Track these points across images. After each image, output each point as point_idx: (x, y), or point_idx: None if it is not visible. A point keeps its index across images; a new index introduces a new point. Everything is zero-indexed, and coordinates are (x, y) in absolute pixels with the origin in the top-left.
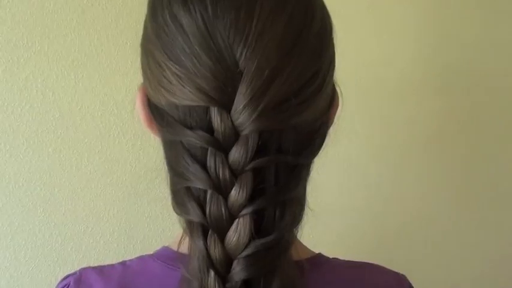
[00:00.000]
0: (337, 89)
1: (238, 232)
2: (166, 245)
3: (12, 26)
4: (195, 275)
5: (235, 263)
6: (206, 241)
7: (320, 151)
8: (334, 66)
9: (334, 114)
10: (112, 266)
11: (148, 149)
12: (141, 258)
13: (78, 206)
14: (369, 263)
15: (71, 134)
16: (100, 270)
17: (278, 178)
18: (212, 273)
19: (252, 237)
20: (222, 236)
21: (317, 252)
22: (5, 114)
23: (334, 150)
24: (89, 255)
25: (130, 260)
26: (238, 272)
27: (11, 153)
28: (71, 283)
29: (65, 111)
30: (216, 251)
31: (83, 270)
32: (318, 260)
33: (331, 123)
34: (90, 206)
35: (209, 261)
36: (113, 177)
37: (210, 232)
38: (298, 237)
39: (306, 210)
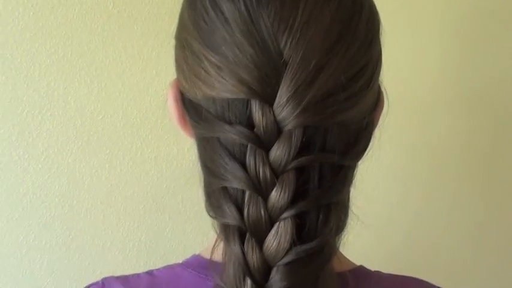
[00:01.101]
0: (383, 89)
1: (278, 237)
2: (197, 253)
3: (35, 31)
4: (229, 284)
5: (274, 270)
6: (243, 246)
7: (366, 153)
8: (381, 62)
9: (380, 115)
10: (138, 275)
11: (172, 162)
12: (169, 268)
13: (98, 219)
14: (412, 277)
15: (93, 144)
16: (124, 279)
17: (322, 179)
18: (249, 281)
19: (293, 243)
20: (260, 241)
21: (358, 264)
22: (25, 121)
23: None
24: (107, 271)
25: (157, 269)
26: (277, 280)
27: (29, 162)
28: None
29: (87, 120)
30: (253, 257)
31: (106, 280)
32: (361, 272)
33: (377, 124)
34: (110, 219)
35: (246, 268)
36: (134, 190)
37: (247, 236)
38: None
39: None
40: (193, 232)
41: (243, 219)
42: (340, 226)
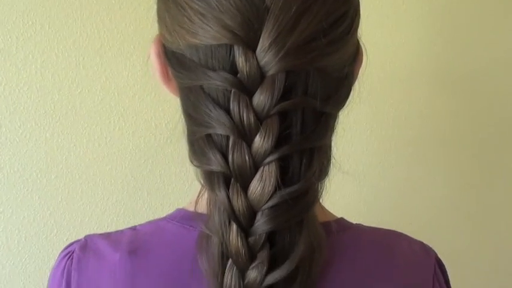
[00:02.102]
0: (361, 45)
1: (263, 181)
2: (180, 207)
3: (11, 2)
4: (215, 230)
5: (258, 215)
6: (228, 192)
7: (346, 103)
8: (359, 15)
9: (359, 68)
10: (121, 231)
11: (150, 137)
12: (152, 222)
13: (76, 194)
14: (394, 231)
15: (70, 119)
16: (107, 235)
17: (305, 125)
18: (234, 226)
19: (278, 187)
20: (245, 186)
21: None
22: (2, 95)
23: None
24: None
25: (140, 225)
26: (262, 224)
27: (6, 136)
28: (76, 249)
29: (65, 94)
30: (238, 202)
31: (89, 237)
32: (342, 222)
33: (356, 77)
34: (88, 194)
35: (231, 213)
36: (112, 165)
37: (232, 182)
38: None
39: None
40: (172, 207)
41: (227, 165)
42: (322, 171)
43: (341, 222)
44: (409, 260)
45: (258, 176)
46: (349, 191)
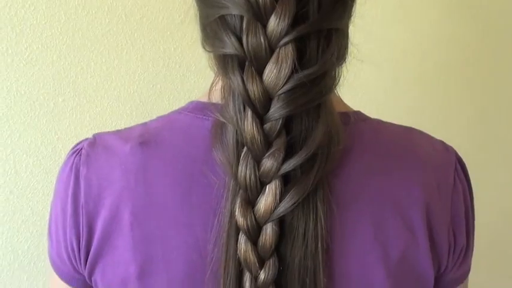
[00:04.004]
0: None
1: (279, 63)
2: (193, 100)
3: None
4: (229, 117)
5: (274, 100)
6: (243, 76)
7: None
8: None
9: None
10: (130, 127)
11: (158, 61)
12: (164, 116)
13: (83, 118)
14: (415, 128)
15: (77, 42)
16: (117, 131)
17: (322, 4)
18: (249, 112)
19: (295, 70)
20: (260, 69)
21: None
22: (7, 16)
23: None
24: None
25: (151, 120)
26: (278, 108)
27: (13, 59)
28: (84, 145)
29: (71, 15)
30: (254, 87)
31: (97, 134)
32: (361, 115)
33: None
34: (96, 119)
35: (246, 99)
36: (120, 90)
37: (247, 65)
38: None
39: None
40: None
41: (242, 48)
42: (340, 54)
43: (359, 114)
44: (429, 157)
45: (273, 58)
46: (367, 80)
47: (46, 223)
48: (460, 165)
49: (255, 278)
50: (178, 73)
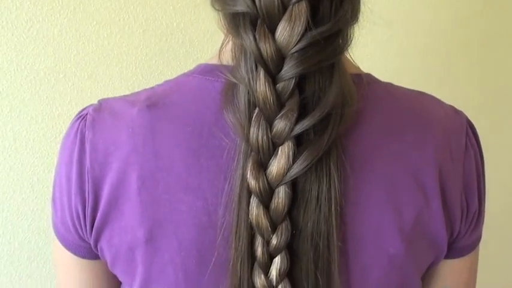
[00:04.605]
0: None
1: (292, 21)
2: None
3: None
4: (241, 77)
5: (287, 58)
6: (255, 34)
7: None
8: None
9: None
10: (137, 92)
11: (161, 37)
12: (171, 79)
13: (84, 94)
14: (426, 93)
15: (78, 15)
16: (123, 97)
17: None
18: (262, 71)
19: (308, 28)
20: (273, 27)
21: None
22: None
23: None
24: None
25: (158, 84)
26: (291, 67)
27: (13, 33)
28: (90, 111)
29: None
30: (266, 45)
31: (103, 100)
32: (373, 77)
33: None
34: (98, 95)
35: (259, 57)
36: (122, 66)
37: (259, 23)
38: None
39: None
40: None
41: (254, 5)
42: (354, 12)
43: (371, 76)
44: (441, 121)
45: (286, 16)
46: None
47: (47, 201)
48: (472, 130)
49: (267, 243)
50: (181, 49)
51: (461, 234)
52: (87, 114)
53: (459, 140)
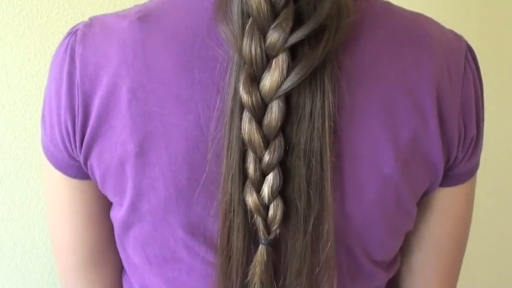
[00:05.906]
0: None
1: None
2: None
3: None
4: None
5: None
6: None
7: None
8: None
9: None
10: (128, 8)
11: None
12: None
13: None
14: (425, 15)
15: None
16: (114, 13)
17: None
18: None
19: None
20: None
21: None
22: None
23: None
24: None
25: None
26: None
27: None
28: (80, 26)
29: None
30: None
31: (93, 16)
32: None
33: None
34: None
35: None
36: (117, 3)
37: None
38: None
39: None
40: None
41: None
42: None
43: None
44: (440, 42)
45: None
46: None
47: (38, 139)
48: (471, 55)
49: (259, 159)
50: None
51: (458, 159)
52: (77, 30)
53: (458, 63)
